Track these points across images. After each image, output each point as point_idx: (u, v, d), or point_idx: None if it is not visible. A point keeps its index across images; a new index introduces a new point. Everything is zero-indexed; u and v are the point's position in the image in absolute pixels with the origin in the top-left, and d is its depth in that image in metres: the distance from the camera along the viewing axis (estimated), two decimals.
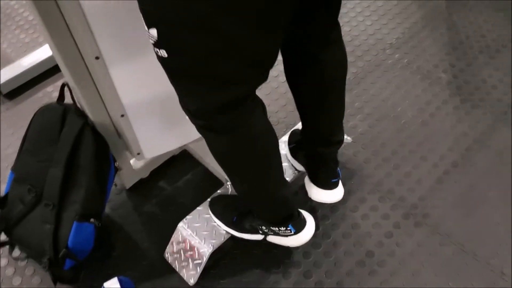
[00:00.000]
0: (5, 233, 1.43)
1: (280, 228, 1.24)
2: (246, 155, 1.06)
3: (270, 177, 1.14)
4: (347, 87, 1.82)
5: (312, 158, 1.36)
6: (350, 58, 1.94)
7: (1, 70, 1.95)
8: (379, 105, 1.78)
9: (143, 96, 1.30)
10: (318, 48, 1.12)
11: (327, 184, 1.38)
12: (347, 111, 1.77)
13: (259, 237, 1.31)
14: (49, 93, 1.95)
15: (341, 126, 1.32)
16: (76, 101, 1.35)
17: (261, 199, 1.20)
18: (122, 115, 1.31)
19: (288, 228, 1.23)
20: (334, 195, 1.40)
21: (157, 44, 0.85)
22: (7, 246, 1.50)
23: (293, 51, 1.16)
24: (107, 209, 1.57)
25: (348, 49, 1.96)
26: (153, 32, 0.83)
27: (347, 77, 1.83)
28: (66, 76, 1.25)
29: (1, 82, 1.92)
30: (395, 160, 1.62)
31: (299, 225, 1.26)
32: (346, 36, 2.03)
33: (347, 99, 1.79)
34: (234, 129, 1.00)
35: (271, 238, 1.30)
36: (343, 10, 2.13)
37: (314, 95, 1.22)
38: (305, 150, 1.39)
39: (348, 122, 1.74)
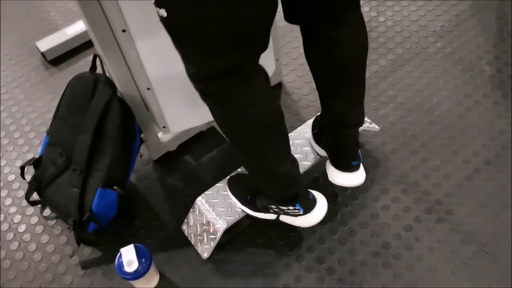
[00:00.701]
0: (37, 193, 1.51)
1: (288, 208, 1.24)
2: (243, 123, 1.06)
3: (271, 149, 1.13)
4: (382, 74, 1.80)
5: (333, 140, 1.34)
6: (388, 45, 1.89)
7: (47, 37, 2.04)
8: (413, 95, 1.72)
9: (169, 71, 1.32)
10: (333, 29, 1.11)
11: (347, 166, 1.35)
12: (379, 99, 1.72)
13: (271, 216, 1.32)
14: (91, 62, 2.01)
15: (361, 108, 1.29)
16: (106, 72, 1.39)
17: (263, 172, 1.20)
18: (148, 88, 1.35)
19: (296, 208, 1.23)
20: (354, 178, 1.36)
21: (157, 3, 0.88)
22: (39, 206, 1.59)
23: (308, 31, 1.15)
24: (133, 179, 1.63)
25: (388, 35, 1.92)
26: None
27: (383, 64, 1.82)
28: (96, 47, 1.29)
29: (46, 48, 2.00)
30: (424, 153, 1.57)
31: (308, 205, 1.25)
32: (388, 21, 1.96)
33: (381, 86, 1.76)
34: (230, 96, 1.01)
35: (283, 218, 1.31)
36: None
37: (330, 76, 1.20)
38: (326, 133, 1.37)
39: (379, 110, 1.69)
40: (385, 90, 1.75)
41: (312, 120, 1.51)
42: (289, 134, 1.51)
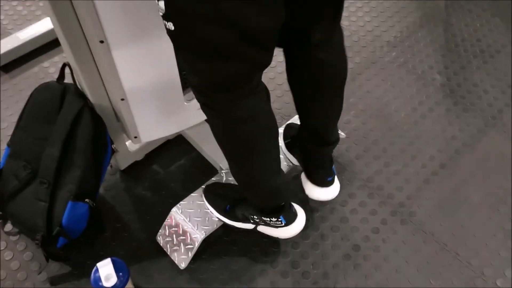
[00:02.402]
0: None
1: (271, 219, 1.27)
2: (242, 137, 1.08)
3: (268, 162, 1.16)
4: None
5: (309, 156, 1.40)
6: (347, 54, 1.96)
7: None
8: (372, 102, 1.81)
9: (144, 82, 1.31)
10: (316, 50, 1.15)
11: (323, 182, 1.42)
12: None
13: (250, 226, 1.34)
14: (45, 68, 1.94)
15: (336, 126, 1.35)
16: (77, 82, 1.35)
17: (255, 185, 1.22)
18: (122, 99, 1.32)
19: (279, 220, 1.27)
20: (329, 192, 1.45)
21: (165, 17, 0.88)
22: (0, 221, 1.51)
23: (292, 50, 1.18)
24: (100, 189, 1.58)
25: (345, 44, 1.99)
26: (161, 4, 0.87)
27: None
28: (68, 57, 1.25)
29: None
30: (386, 158, 1.66)
31: (290, 218, 1.29)
32: (345, 31, 2.03)
33: None
34: (233, 110, 1.03)
35: (262, 228, 1.34)
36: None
37: (310, 96, 1.25)
38: (302, 148, 1.42)
39: (342, 117, 1.74)
40: (347, 98, 1.80)
41: (281, 129, 1.55)
42: None
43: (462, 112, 1.78)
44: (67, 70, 1.33)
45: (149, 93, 1.34)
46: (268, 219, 1.27)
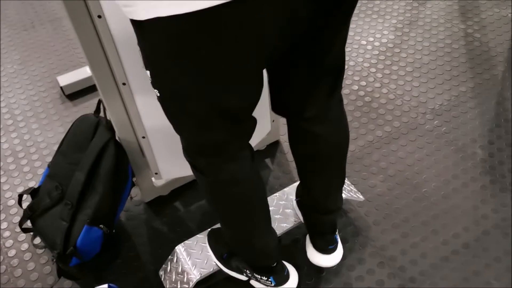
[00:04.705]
0: (31, 221, 1.59)
1: (262, 277, 1.28)
2: (224, 200, 1.12)
3: (251, 225, 1.18)
4: (376, 144, 1.86)
5: (310, 222, 1.40)
6: (387, 117, 1.95)
7: (68, 73, 2.17)
8: (403, 169, 1.76)
9: (164, 125, 1.39)
10: (311, 125, 1.15)
11: (325, 249, 1.41)
12: (370, 169, 1.77)
13: (243, 278, 1.36)
14: None
15: (339, 194, 1.34)
16: (108, 116, 1.48)
17: (240, 245, 1.25)
18: (144, 137, 1.43)
19: (269, 280, 1.27)
20: (331, 259, 1.42)
21: (152, 84, 0.96)
22: (31, 233, 1.67)
23: (290, 121, 1.21)
24: (122, 218, 1.69)
25: (388, 107, 1.99)
26: (148, 73, 0.95)
27: (379, 135, 1.88)
28: (100, 94, 1.39)
29: (66, 83, 2.13)
30: (405, 228, 1.60)
31: (281, 279, 1.29)
32: (389, 94, 2.03)
33: (374, 157, 1.81)
34: (213, 173, 1.07)
35: (254, 283, 1.34)
36: (393, 67, 2.14)
37: (308, 167, 1.26)
38: (304, 214, 1.42)
39: (368, 180, 1.74)
40: (378, 161, 1.80)
41: (297, 184, 1.57)
42: (275, 194, 1.58)
43: (499, 191, 1.67)
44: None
45: (168, 134, 1.42)
46: (259, 276, 1.28)
